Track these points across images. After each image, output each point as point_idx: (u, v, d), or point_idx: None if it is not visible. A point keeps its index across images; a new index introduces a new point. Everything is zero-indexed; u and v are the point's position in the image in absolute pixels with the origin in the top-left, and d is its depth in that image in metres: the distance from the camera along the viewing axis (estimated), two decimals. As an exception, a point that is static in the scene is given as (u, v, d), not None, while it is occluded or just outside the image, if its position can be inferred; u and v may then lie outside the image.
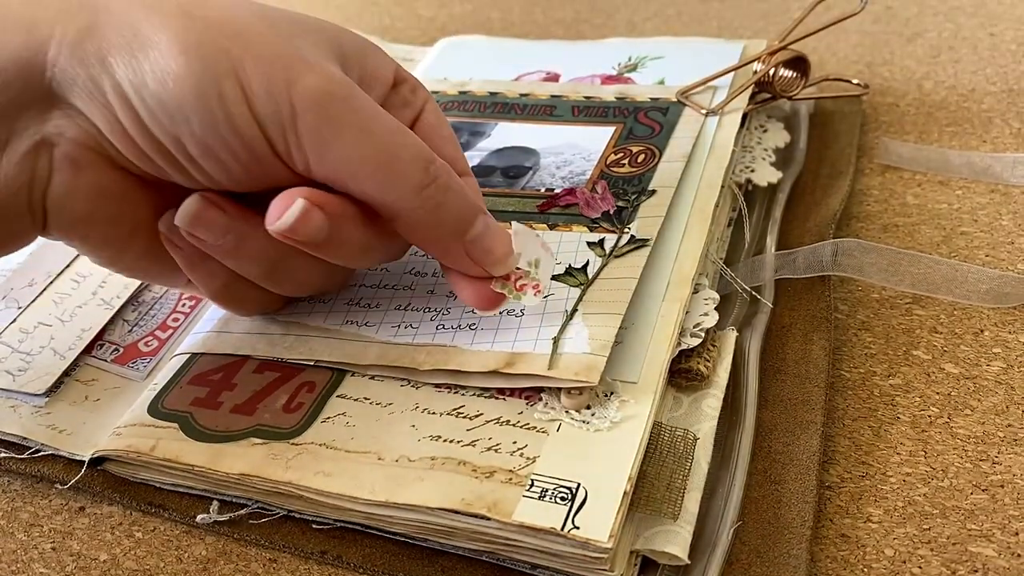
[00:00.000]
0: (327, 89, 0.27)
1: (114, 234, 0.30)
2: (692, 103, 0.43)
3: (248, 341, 0.34)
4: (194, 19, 0.27)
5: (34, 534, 0.31)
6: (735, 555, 0.28)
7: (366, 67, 0.31)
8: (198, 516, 0.31)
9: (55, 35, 0.26)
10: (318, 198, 0.28)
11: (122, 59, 0.26)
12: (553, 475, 0.28)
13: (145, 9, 0.27)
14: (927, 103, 0.49)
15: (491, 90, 0.47)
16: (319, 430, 0.31)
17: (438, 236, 0.29)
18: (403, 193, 0.28)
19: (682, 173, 0.38)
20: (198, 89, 0.26)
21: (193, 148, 0.27)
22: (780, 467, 0.30)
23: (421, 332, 0.33)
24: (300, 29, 0.29)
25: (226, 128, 0.27)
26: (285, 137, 0.27)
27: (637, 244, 0.35)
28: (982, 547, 0.28)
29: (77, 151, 0.28)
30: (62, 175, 0.28)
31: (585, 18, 0.62)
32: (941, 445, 0.31)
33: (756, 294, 0.36)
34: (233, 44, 0.26)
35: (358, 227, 0.29)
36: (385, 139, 0.28)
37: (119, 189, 0.29)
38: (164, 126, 0.27)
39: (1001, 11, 0.56)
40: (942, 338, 0.35)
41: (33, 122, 0.27)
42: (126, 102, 0.26)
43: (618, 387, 0.30)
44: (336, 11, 0.67)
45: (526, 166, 0.41)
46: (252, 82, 0.26)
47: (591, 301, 0.32)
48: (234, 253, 0.30)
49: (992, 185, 0.42)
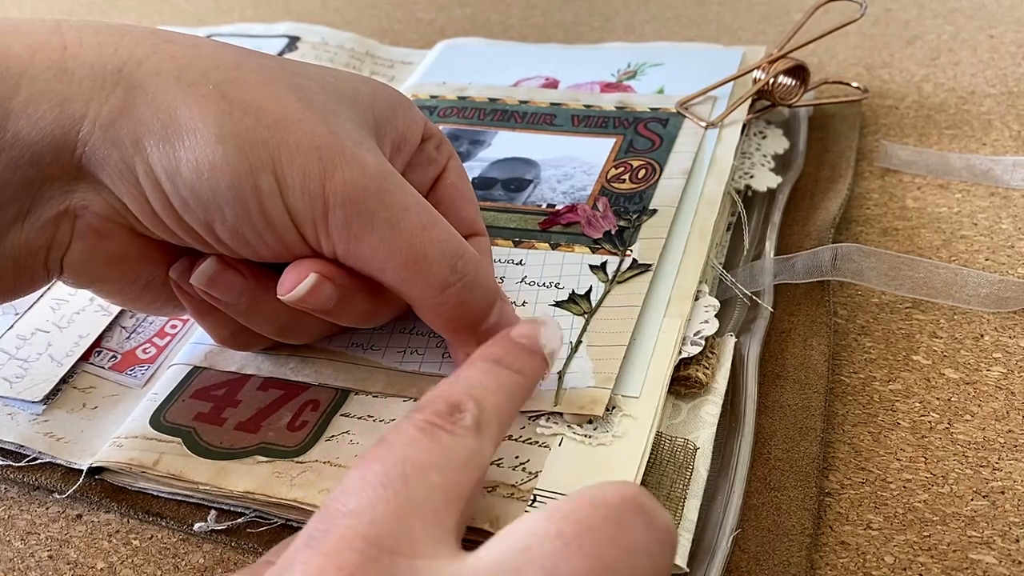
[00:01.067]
0: (360, 184, 0.27)
1: (128, 288, 0.30)
2: (692, 115, 0.43)
3: (253, 360, 0.34)
4: (232, 104, 0.26)
5: (31, 542, 0.31)
6: (734, 562, 0.28)
7: (397, 128, 0.31)
8: (196, 524, 0.30)
9: (88, 114, 0.26)
10: (330, 271, 0.28)
11: (156, 143, 0.26)
12: (556, 490, 0.28)
13: (181, 91, 0.26)
14: (926, 106, 0.49)
15: (490, 96, 0.47)
16: (324, 448, 0.31)
17: (455, 328, 0.30)
18: (427, 290, 0.28)
19: (682, 191, 0.39)
20: (235, 181, 0.26)
21: (223, 232, 0.27)
22: (780, 473, 0.30)
23: (427, 360, 0.33)
24: (336, 102, 0.29)
25: (259, 219, 0.27)
26: (316, 228, 0.27)
27: (639, 269, 0.35)
28: (983, 554, 0.28)
29: (100, 222, 0.28)
30: (82, 243, 0.28)
31: (584, 21, 0.62)
32: (941, 451, 0.31)
33: (756, 299, 0.36)
34: (272, 134, 0.26)
35: (367, 297, 0.30)
36: (415, 235, 0.28)
37: (137, 253, 0.29)
38: (195, 213, 0.27)
39: (1000, 13, 0.56)
40: (942, 343, 0.35)
41: (59, 192, 0.27)
42: (158, 187, 0.26)
43: (620, 401, 0.30)
44: (335, 14, 0.66)
45: (527, 179, 0.41)
46: (288, 176, 0.26)
47: (595, 332, 0.33)
48: (246, 312, 0.30)
49: (992, 188, 0.42)
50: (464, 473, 0.22)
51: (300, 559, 0.20)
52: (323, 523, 0.20)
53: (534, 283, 0.35)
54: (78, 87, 0.26)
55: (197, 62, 0.27)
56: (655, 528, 0.20)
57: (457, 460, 0.22)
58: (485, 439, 0.24)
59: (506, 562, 0.19)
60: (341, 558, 0.19)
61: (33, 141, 0.26)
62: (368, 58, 0.56)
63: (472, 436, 0.23)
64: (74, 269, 0.29)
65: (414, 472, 0.21)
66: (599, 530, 0.20)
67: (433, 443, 0.22)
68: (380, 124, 0.30)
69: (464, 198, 0.33)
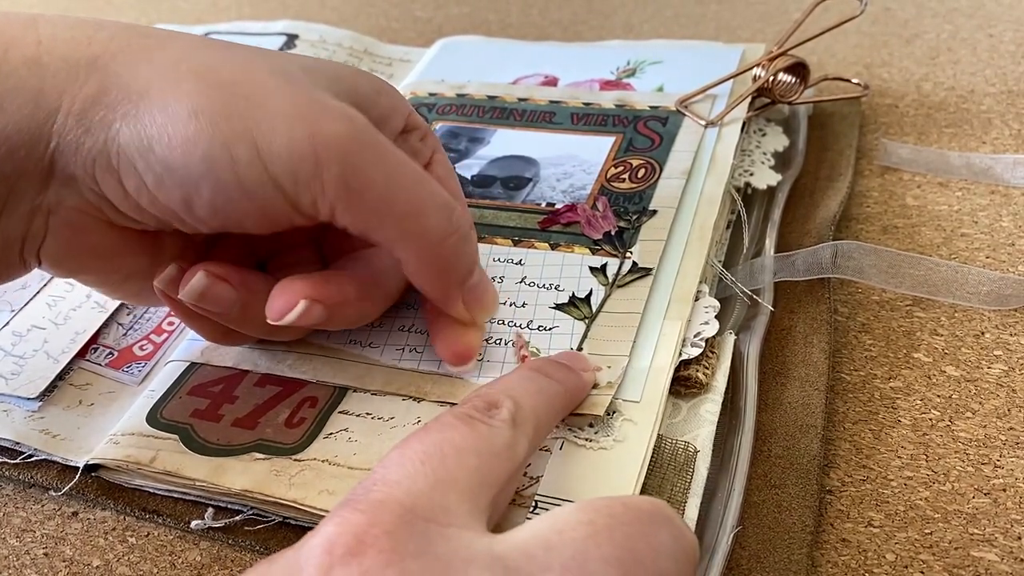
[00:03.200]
0: (352, 135, 0.26)
1: (108, 278, 0.30)
2: (691, 113, 0.43)
3: (249, 356, 0.34)
4: (207, 83, 0.26)
5: (26, 539, 0.31)
6: (735, 560, 0.28)
7: (381, 109, 0.31)
8: (192, 522, 0.30)
9: (62, 106, 0.26)
10: (319, 293, 0.29)
11: (129, 124, 0.26)
12: (557, 495, 0.28)
13: (155, 74, 0.26)
14: (926, 104, 0.49)
15: (489, 94, 0.47)
16: (322, 446, 0.30)
17: (445, 282, 0.30)
18: (426, 242, 0.28)
19: (682, 191, 0.38)
20: (208, 152, 0.25)
21: (201, 210, 0.27)
22: (780, 471, 0.30)
23: (426, 358, 0.33)
24: (314, 77, 0.28)
25: (237, 191, 0.26)
26: (310, 189, 0.26)
27: (640, 273, 0.35)
28: (984, 551, 0.28)
29: (75, 216, 0.28)
30: (57, 236, 0.28)
31: (583, 19, 0.62)
32: (942, 448, 0.31)
33: (756, 297, 0.36)
34: (248, 104, 0.26)
35: (353, 305, 0.30)
36: (413, 188, 0.28)
37: (115, 246, 0.29)
38: (171, 190, 0.26)
39: (1000, 12, 0.56)
40: (943, 341, 0.35)
41: (33, 186, 0.27)
42: (131, 167, 0.26)
43: (620, 406, 0.30)
44: (332, 12, 0.66)
45: (526, 177, 0.41)
46: (270, 142, 0.26)
47: (595, 339, 0.32)
48: (236, 319, 0.30)
49: (992, 186, 0.42)
50: (499, 461, 0.23)
51: (337, 514, 0.20)
52: (362, 488, 0.21)
53: (533, 284, 0.35)
54: (52, 80, 0.26)
55: (172, 52, 0.27)
56: (682, 540, 0.21)
57: (493, 447, 0.23)
58: (520, 434, 0.25)
59: (538, 540, 0.20)
60: (377, 517, 0.20)
61: (8, 135, 0.26)
62: (367, 56, 0.56)
63: (508, 428, 0.24)
64: (51, 260, 0.28)
65: (452, 452, 0.22)
66: (630, 526, 0.21)
67: (470, 430, 0.23)
68: (362, 103, 0.29)
69: (451, 191, 0.33)
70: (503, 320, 0.34)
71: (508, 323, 0.34)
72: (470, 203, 0.39)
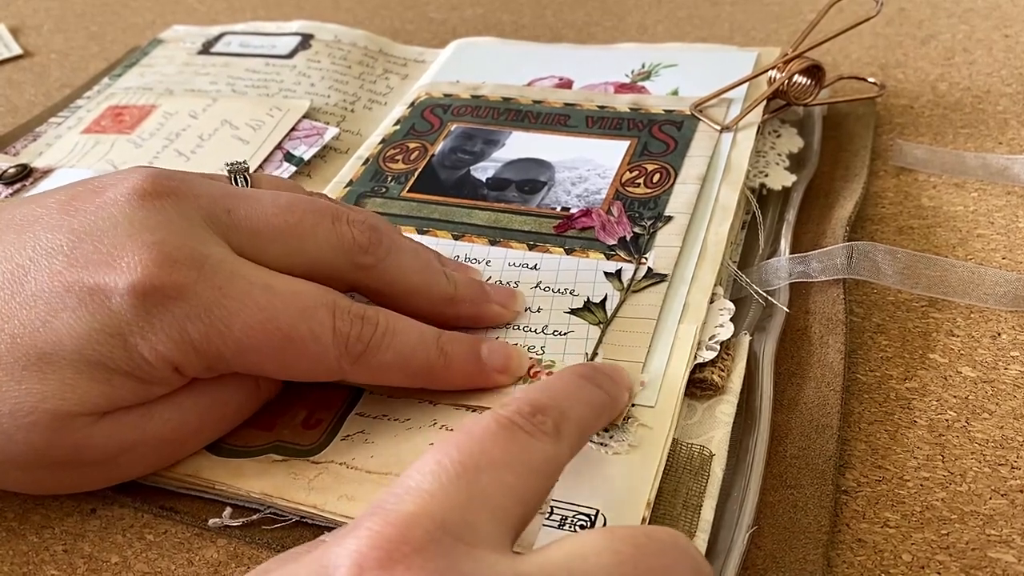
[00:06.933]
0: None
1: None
2: (706, 117, 0.43)
3: None
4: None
5: (45, 536, 0.31)
6: (750, 560, 0.28)
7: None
8: (210, 520, 0.30)
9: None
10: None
11: None
12: (572, 501, 0.28)
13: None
14: (942, 105, 0.49)
15: (504, 95, 0.47)
16: (339, 448, 0.30)
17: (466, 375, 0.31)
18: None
19: (697, 197, 0.38)
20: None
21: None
22: (796, 471, 0.30)
23: None
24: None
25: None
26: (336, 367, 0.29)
27: (655, 279, 0.35)
28: (1001, 552, 0.28)
29: None
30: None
31: (596, 21, 0.62)
32: (959, 449, 0.31)
33: (771, 298, 0.36)
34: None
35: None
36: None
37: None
38: None
39: (1016, 13, 0.56)
40: (959, 341, 0.35)
41: None
42: None
43: (635, 411, 0.30)
44: (347, 14, 0.67)
45: (541, 180, 0.41)
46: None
47: (610, 344, 0.33)
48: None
49: (1008, 187, 0.42)
50: (536, 478, 0.23)
51: (367, 524, 0.20)
52: (394, 497, 0.21)
53: (548, 289, 0.35)
54: None
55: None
56: (699, 573, 0.21)
57: (532, 463, 0.23)
58: (563, 446, 0.24)
59: (563, 564, 0.20)
60: (409, 533, 0.20)
61: None
62: (381, 56, 0.56)
63: (550, 441, 0.24)
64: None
65: (489, 467, 0.22)
66: (653, 558, 0.21)
67: (510, 441, 0.23)
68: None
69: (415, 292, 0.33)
70: (518, 325, 0.34)
71: (523, 328, 0.34)
72: (485, 206, 0.40)
